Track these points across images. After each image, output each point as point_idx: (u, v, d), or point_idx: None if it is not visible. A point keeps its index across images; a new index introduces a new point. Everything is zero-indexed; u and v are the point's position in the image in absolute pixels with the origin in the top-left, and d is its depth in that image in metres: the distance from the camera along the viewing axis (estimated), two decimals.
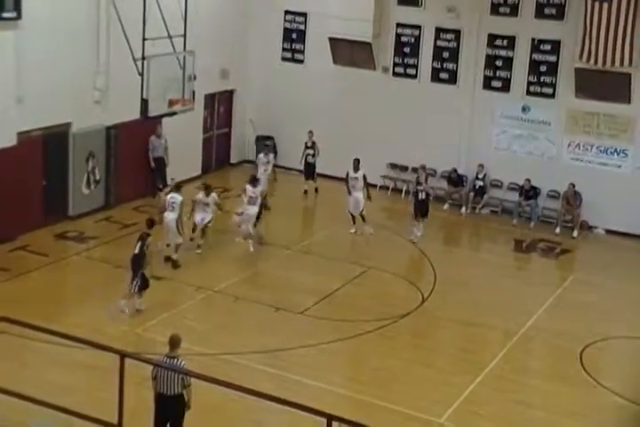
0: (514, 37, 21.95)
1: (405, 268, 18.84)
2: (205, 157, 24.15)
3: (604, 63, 20.46)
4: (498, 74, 22.30)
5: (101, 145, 20.25)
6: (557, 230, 21.43)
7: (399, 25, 23.15)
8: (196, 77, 19.44)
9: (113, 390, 8.55)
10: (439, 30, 22.73)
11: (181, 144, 21.87)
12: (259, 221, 19.23)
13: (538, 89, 21.92)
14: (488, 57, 22.32)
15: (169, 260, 17.62)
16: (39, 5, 17.59)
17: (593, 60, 20.57)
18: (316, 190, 23.04)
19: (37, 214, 18.87)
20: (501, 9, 21.91)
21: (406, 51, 23.20)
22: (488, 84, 22.43)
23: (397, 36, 23.22)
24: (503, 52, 22.16)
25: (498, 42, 22.15)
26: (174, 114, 18.90)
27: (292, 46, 24.63)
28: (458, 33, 22.55)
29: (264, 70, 24.88)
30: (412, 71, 23.27)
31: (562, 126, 21.82)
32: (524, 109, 22.16)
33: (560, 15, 21.38)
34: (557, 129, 21.90)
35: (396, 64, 23.40)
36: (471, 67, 22.52)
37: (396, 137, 23.32)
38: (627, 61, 20.32)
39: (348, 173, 20.25)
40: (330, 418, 7.36)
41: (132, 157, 21.00)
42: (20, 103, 17.12)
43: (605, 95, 20.97)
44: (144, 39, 17.47)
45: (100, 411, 8.71)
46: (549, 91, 21.81)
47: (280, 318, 15.79)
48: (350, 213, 20.13)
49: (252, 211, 18.70)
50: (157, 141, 21.49)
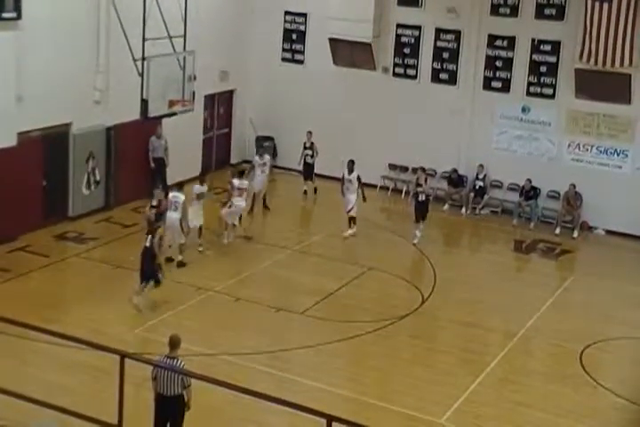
0: (514, 38, 21.95)
1: (405, 268, 18.82)
2: (205, 157, 24.15)
3: (604, 64, 20.45)
4: (498, 74, 22.30)
5: (101, 145, 20.23)
6: (557, 231, 21.43)
7: (399, 25, 23.16)
8: (196, 78, 19.45)
9: (113, 391, 8.54)
10: (439, 31, 22.73)
11: (181, 145, 21.87)
12: (251, 216, 19.13)
13: (538, 89, 21.91)
14: (488, 57, 22.32)
15: (171, 261, 17.59)
16: (39, 6, 17.60)
17: (593, 61, 20.56)
18: (315, 191, 23.02)
19: (37, 215, 18.87)
20: (501, 9, 21.92)
21: (406, 51, 23.20)
22: (488, 85, 22.43)
23: (397, 36, 23.22)
24: (503, 53, 22.16)
25: (498, 42, 22.15)
26: (174, 114, 18.91)
27: (292, 47, 24.63)
28: (458, 33, 22.56)
29: (264, 71, 24.88)
30: (412, 72, 23.26)
31: (562, 127, 21.82)
32: (524, 110, 22.15)
33: (560, 16, 21.39)
34: (557, 129, 21.89)
35: (396, 65, 23.39)
36: (471, 67, 22.51)
37: (395, 137, 23.32)
38: (627, 62, 20.31)
39: (343, 174, 20.25)
40: (330, 419, 7.35)
41: (132, 157, 20.99)
42: (20, 103, 17.10)
43: (605, 96, 20.97)
44: (144, 39, 17.48)
45: (100, 411, 8.71)
46: (549, 91, 21.81)
47: (280, 319, 15.79)
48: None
49: (241, 203, 18.72)
50: (157, 142, 21.47)
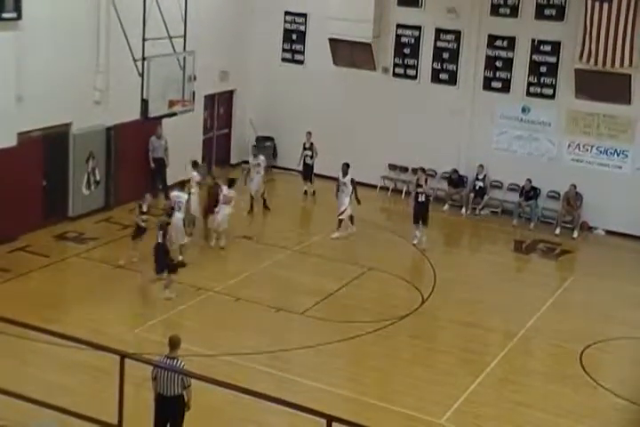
0: (514, 38, 21.95)
1: (405, 269, 18.82)
2: (206, 157, 24.12)
3: (604, 64, 20.44)
4: (498, 75, 22.29)
5: (101, 146, 20.23)
6: (557, 231, 21.42)
7: (399, 26, 23.15)
8: (196, 78, 19.45)
9: (113, 391, 8.53)
10: (439, 31, 22.73)
11: (181, 145, 21.86)
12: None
13: (538, 90, 21.91)
14: (488, 58, 22.31)
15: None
16: (39, 6, 17.60)
17: (593, 61, 20.56)
18: (314, 193, 22.97)
19: (37, 215, 18.87)
20: (501, 10, 21.92)
21: (406, 51, 23.20)
22: (488, 85, 22.42)
23: (397, 36, 23.22)
24: (503, 53, 22.16)
25: (498, 43, 22.15)
26: (174, 115, 18.91)
27: (292, 47, 24.63)
28: (458, 34, 22.55)
29: (264, 71, 24.87)
30: (412, 72, 23.26)
31: (562, 127, 21.82)
32: (524, 110, 22.15)
33: (560, 16, 21.38)
34: (557, 130, 21.89)
35: (396, 65, 23.39)
36: (471, 67, 22.51)
37: (395, 138, 23.31)
38: (627, 62, 20.31)
39: (338, 177, 20.19)
40: (330, 419, 7.34)
41: (132, 157, 20.99)
42: (20, 103, 17.10)
43: (605, 96, 20.96)
44: (144, 39, 17.48)
45: (100, 411, 8.70)
46: (549, 91, 21.80)
47: (280, 319, 15.79)
48: (349, 216, 20.03)
49: (227, 210, 18.82)
50: (157, 142, 21.47)
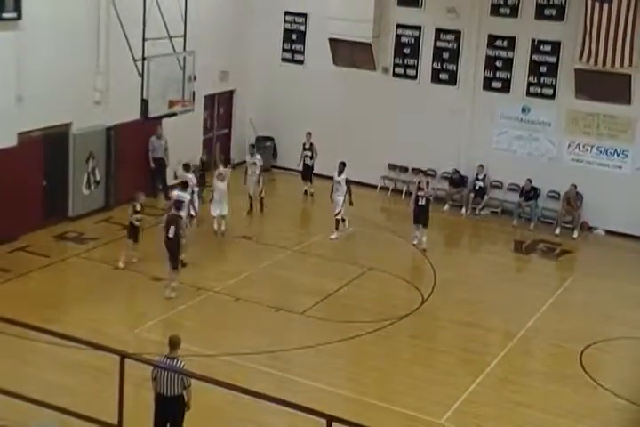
0: (514, 38, 21.95)
1: (405, 269, 18.81)
2: (206, 157, 24.08)
3: (604, 64, 20.44)
4: (498, 75, 22.29)
5: (101, 146, 20.24)
6: (557, 231, 21.42)
7: (399, 26, 23.16)
8: (196, 78, 19.45)
9: (113, 391, 8.53)
10: (439, 31, 22.73)
11: (181, 145, 21.85)
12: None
13: (538, 90, 21.91)
14: (488, 58, 22.32)
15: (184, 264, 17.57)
16: (39, 6, 17.60)
17: (593, 61, 20.56)
18: (312, 195, 22.93)
19: (37, 215, 18.87)
20: (501, 10, 21.92)
21: (406, 51, 23.20)
22: (488, 85, 22.42)
23: (397, 36, 23.22)
24: (503, 53, 22.16)
25: (498, 43, 22.15)
26: (174, 115, 18.91)
27: (292, 47, 24.63)
28: (458, 34, 22.55)
29: (264, 71, 24.87)
30: (412, 72, 23.26)
31: (562, 127, 21.82)
32: (524, 110, 22.14)
33: (560, 16, 21.38)
34: (557, 130, 21.89)
35: (396, 65, 23.39)
36: (471, 67, 22.51)
37: (396, 138, 23.31)
38: (627, 62, 20.31)
39: (333, 175, 20.19)
40: (330, 419, 7.34)
41: (132, 157, 20.99)
42: (21, 103, 17.10)
43: (605, 96, 20.96)
44: (144, 40, 17.48)
45: (100, 411, 8.69)
46: (549, 91, 21.80)
47: (280, 319, 15.79)
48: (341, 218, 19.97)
49: (221, 186, 19.31)
50: (157, 142, 21.48)
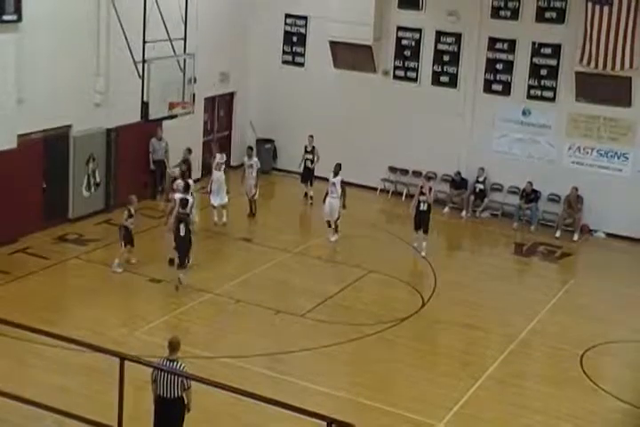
0: (514, 41, 21.95)
1: (406, 271, 18.80)
2: (205, 159, 24.09)
3: (604, 67, 20.45)
4: (498, 77, 22.29)
5: (102, 148, 20.24)
6: (558, 234, 21.40)
7: (400, 28, 23.15)
8: (196, 80, 19.46)
9: (113, 393, 8.52)
10: (440, 34, 22.73)
11: (181, 147, 21.82)
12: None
13: (538, 92, 21.90)
14: (488, 60, 22.31)
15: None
16: (40, 8, 17.60)
17: (593, 64, 20.56)
18: (311, 197, 22.89)
19: (37, 217, 18.86)
20: (502, 12, 21.91)
21: (407, 54, 23.20)
22: (488, 88, 22.43)
23: (398, 39, 23.22)
24: (504, 56, 22.16)
25: (498, 45, 22.15)
26: (174, 117, 18.92)
27: (292, 49, 24.63)
28: (458, 36, 22.55)
29: (264, 73, 24.88)
30: (412, 74, 23.26)
31: (562, 130, 21.81)
32: (524, 113, 22.14)
33: (560, 19, 21.38)
34: (558, 132, 21.88)
35: (396, 67, 23.39)
36: (472, 70, 22.51)
37: (396, 140, 23.31)
38: (627, 65, 20.31)
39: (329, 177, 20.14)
40: (330, 422, 7.34)
41: (132, 159, 20.99)
42: (21, 105, 17.10)
43: (606, 99, 20.96)
44: (144, 42, 17.47)
45: (100, 414, 8.70)
46: (550, 94, 21.79)
47: (280, 321, 15.76)
48: (327, 221, 19.86)
49: (219, 175, 19.87)
50: (158, 144, 21.49)
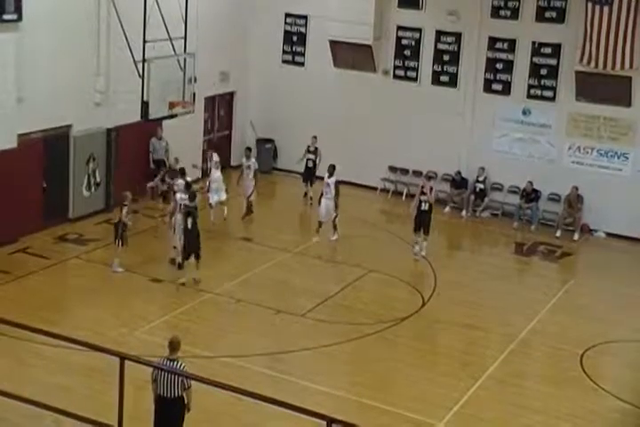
0: (514, 40, 21.94)
1: (406, 271, 18.77)
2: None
3: (604, 66, 20.44)
4: (498, 77, 22.28)
5: (102, 147, 20.24)
6: (558, 233, 21.40)
7: (400, 28, 23.15)
8: (196, 80, 19.45)
9: (113, 393, 8.53)
10: (440, 33, 22.72)
11: (182, 146, 21.84)
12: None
13: (538, 92, 21.90)
14: (488, 60, 22.31)
15: (174, 262, 17.58)
16: (40, 7, 17.59)
17: (594, 64, 20.55)
18: (311, 197, 22.86)
19: (38, 217, 18.85)
20: (502, 12, 21.90)
21: (407, 53, 23.19)
22: (488, 87, 22.42)
23: (398, 38, 23.21)
24: (504, 55, 22.15)
25: (498, 45, 22.14)
26: (174, 116, 18.91)
27: (292, 49, 24.62)
28: (458, 36, 22.54)
29: (265, 73, 24.88)
30: (412, 74, 23.25)
31: (562, 129, 21.80)
32: (524, 112, 22.13)
33: (560, 18, 21.37)
34: (558, 132, 21.87)
35: (396, 67, 23.38)
36: (472, 70, 22.50)
37: (396, 140, 23.31)
38: (627, 64, 20.30)
39: (324, 177, 20.07)
40: (330, 421, 7.35)
41: (132, 159, 20.98)
42: (21, 104, 17.09)
43: (606, 98, 20.96)
44: (144, 41, 17.47)
45: (100, 413, 8.70)
46: (550, 94, 21.79)
47: (280, 321, 15.75)
48: (318, 221, 19.78)
49: (217, 174, 19.79)
50: (158, 144, 21.48)
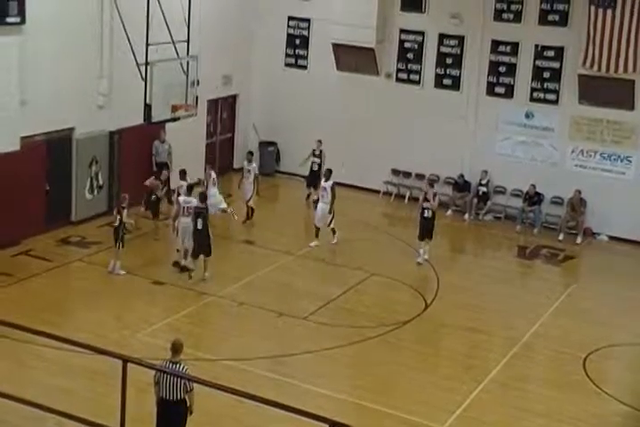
0: (517, 44, 21.92)
1: (408, 274, 18.75)
2: (208, 162, 24.07)
3: (607, 70, 20.43)
4: (501, 80, 22.27)
5: (105, 150, 20.23)
6: (561, 237, 21.37)
7: (402, 31, 23.14)
8: (199, 83, 19.44)
9: (115, 395, 8.53)
10: (442, 36, 22.71)
11: (184, 149, 21.85)
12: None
13: (541, 95, 21.89)
14: (491, 63, 22.29)
15: (177, 265, 17.57)
16: (43, 10, 17.59)
17: (597, 67, 20.54)
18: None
19: (40, 219, 18.85)
20: (505, 15, 21.90)
21: (409, 57, 23.18)
22: (491, 91, 22.40)
23: (401, 41, 23.21)
24: (506, 59, 22.13)
25: (501, 48, 22.12)
26: (177, 119, 18.91)
27: (295, 52, 24.62)
28: (461, 39, 22.53)
29: (267, 76, 24.88)
30: (415, 77, 23.24)
31: (565, 133, 21.78)
32: (527, 116, 22.11)
33: (563, 22, 21.34)
34: (561, 135, 21.85)
35: (399, 70, 23.37)
36: (474, 73, 22.49)
37: (399, 143, 23.30)
38: (630, 68, 20.29)
39: (321, 182, 20.03)
40: (332, 424, 7.34)
41: (135, 162, 20.98)
42: (24, 107, 17.10)
43: (609, 101, 20.94)
44: (147, 44, 17.48)
45: (103, 416, 8.70)
46: (553, 97, 21.78)
47: (283, 324, 15.74)
48: (315, 225, 19.75)
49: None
50: (161, 146, 21.47)
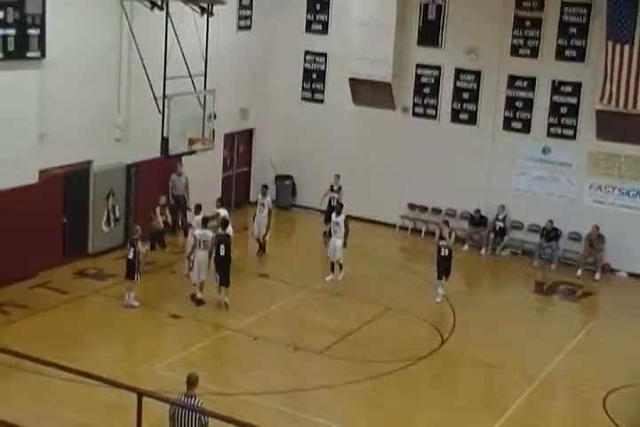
0: (534, 79, 21.96)
1: (425, 309, 18.63)
2: (225, 195, 24.12)
3: (625, 105, 20.42)
4: (518, 115, 22.28)
5: (122, 183, 20.32)
6: (579, 273, 21.23)
7: (419, 66, 23.24)
8: (216, 116, 19.54)
9: None
10: (459, 71, 22.79)
11: (201, 183, 21.89)
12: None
13: (558, 130, 21.87)
14: (508, 98, 22.32)
15: (194, 298, 17.53)
16: (63, 45, 17.76)
17: (614, 103, 20.53)
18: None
19: (57, 251, 18.90)
20: (521, 50, 21.96)
21: (426, 91, 23.26)
22: (508, 126, 22.41)
23: (417, 76, 23.30)
24: (523, 94, 22.16)
25: (518, 83, 22.16)
26: (194, 152, 18.99)
27: (312, 86, 24.74)
28: (478, 74, 22.60)
29: (284, 110, 24.98)
30: (431, 112, 23.29)
31: (583, 168, 21.72)
32: (544, 151, 22.08)
33: (580, 57, 21.39)
34: (578, 171, 21.79)
35: (415, 104, 23.43)
36: (491, 108, 22.52)
37: (415, 177, 23.28)
38: None
39: (332, 216, 20.02)
40: None
41: (152, 195, 21.01)
42: (42, 140, 17.22)
43: (627, 137, 20.89)
44: (165, 78, 17.61)
45: None
46: (570, 132, 21.75)
47: (299, 358, 15.65)
48: (330, 260, 19.68)
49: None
50: (178, 180, 21.52)
